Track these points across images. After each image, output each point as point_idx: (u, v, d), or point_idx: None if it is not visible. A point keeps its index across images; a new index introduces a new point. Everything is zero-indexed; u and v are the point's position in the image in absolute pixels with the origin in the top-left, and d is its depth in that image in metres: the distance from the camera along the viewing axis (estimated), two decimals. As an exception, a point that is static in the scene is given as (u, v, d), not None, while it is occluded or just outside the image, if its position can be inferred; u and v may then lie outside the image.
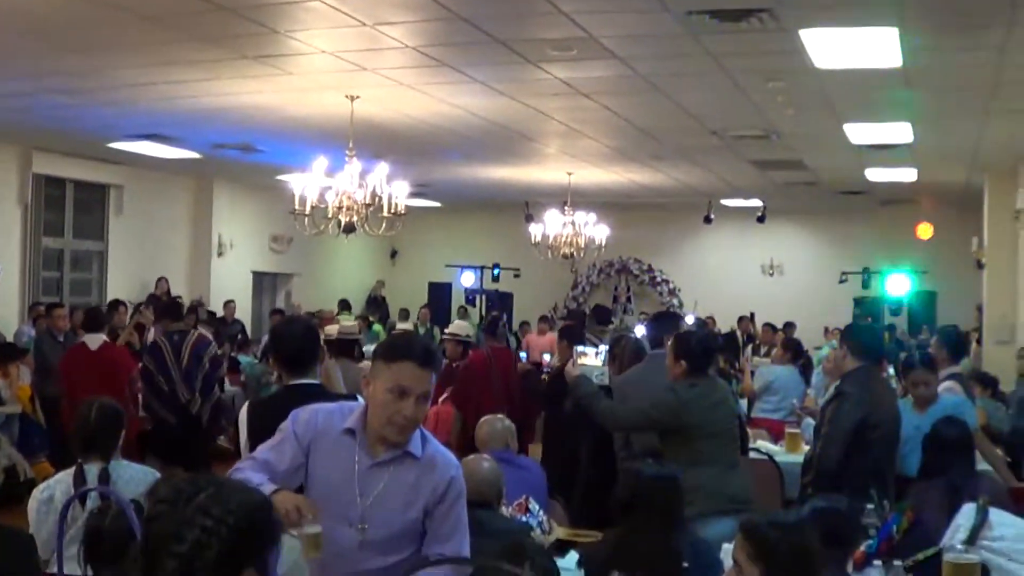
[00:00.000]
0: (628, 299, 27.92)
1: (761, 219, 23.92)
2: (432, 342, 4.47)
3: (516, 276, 26.12)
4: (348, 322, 15.69)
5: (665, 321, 9.63)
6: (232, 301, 21.42)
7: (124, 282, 20.29)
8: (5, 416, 13.31)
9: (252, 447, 5.81)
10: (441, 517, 4.33)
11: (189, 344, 12.09)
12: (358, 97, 12.66)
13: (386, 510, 4.30)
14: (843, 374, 7.81)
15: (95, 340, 12.57)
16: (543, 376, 13.56)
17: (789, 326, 20.54)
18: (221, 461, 11.64)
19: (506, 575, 4.09)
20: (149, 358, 12.19)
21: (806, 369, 13.91)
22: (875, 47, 9.91)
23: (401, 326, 17.41)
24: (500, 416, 7.85)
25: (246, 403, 6.32)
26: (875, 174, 18.45)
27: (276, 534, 2.76)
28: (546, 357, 16.43)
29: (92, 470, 5.88)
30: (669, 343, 7.72)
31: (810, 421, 10.34)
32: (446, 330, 13.03)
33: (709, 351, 7.67)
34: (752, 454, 9.87)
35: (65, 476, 5.93)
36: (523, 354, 19.62)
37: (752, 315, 22.92)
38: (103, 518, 4.73)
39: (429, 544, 4.32)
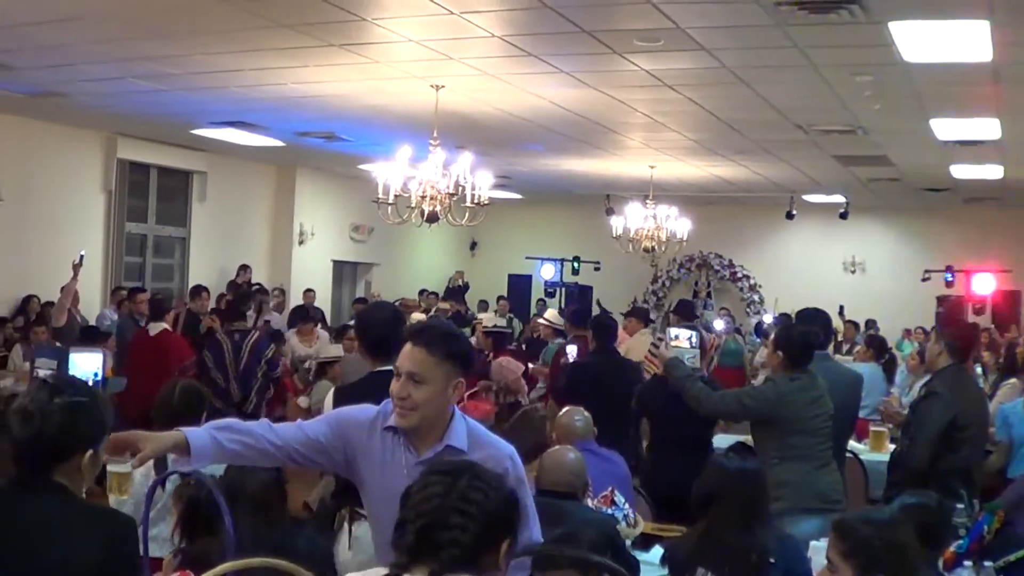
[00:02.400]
0: (708, 294, 27.69)
1: (844, 215, 23.64)
2: (444, 325, 4.44)
3: (596, 269, 26.00)
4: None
5: (813, 318, 8.92)
6: (312, 290, 21.48)
7: (205, 268, 20.42)
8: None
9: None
10: None
11: (249, 344, 12.23)
12: (443, 86, 12.64)
13: None
14: (934, 372, 7.69)
15: (156, 327, 12.93)
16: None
17: (871, 324, 20.31)
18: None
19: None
20: (208, 352, 12.42)
21: (889, 367, 13.73)
22: (965, 40, 9.76)
23: (482, 316, 17.33)
24: (579, 408, 7.80)
25: (331, 388, 6.31)
26: (960, 171, 18.19)
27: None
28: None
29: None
30: (771, 336, 7.64)
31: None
32: (481, 319, 12.95)
33: (810, 345, 7.53)
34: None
35: (145, 457, 5.93)
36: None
37: (841, 308, 22.59)
38: (200, 489, 4.76)
39: None
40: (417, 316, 11.66)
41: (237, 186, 21.67)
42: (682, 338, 8.60)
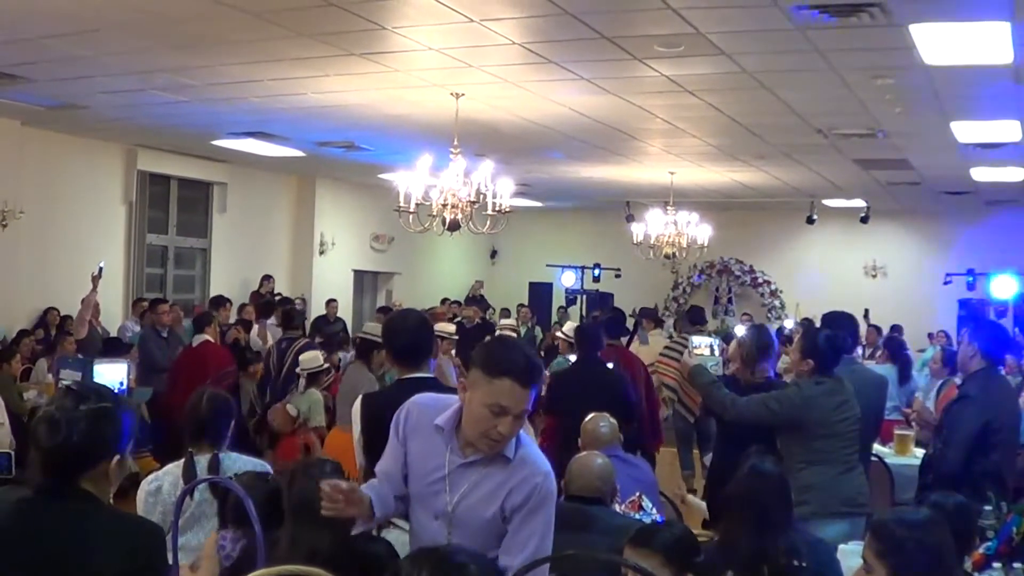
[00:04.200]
0: (729, 300, 27.70)
1: (864, 219, 23.63)
2: (536, 357, 4.31)
3: (617, 276, 25.99)
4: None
5: (840, 322, 8.76)
6: (334, 300, 21.46)
7: (226, 279, 20.50)
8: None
9: (366, 441, 5.86)
10: (518, 524, 4.26)
11: (293, 351, 12.30)
12: (463, 94, 12.66)
13: (471, 508, 4.29)
14: (967, 375, 7.64)
15: (199, 339, 13.35)
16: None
17: (896, 329, 20.20)
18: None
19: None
20: (263, 365, 12.74)
21: (903, 368, 13.69)
22: (986, 42, 9.72)
23: (504, 322, 17.32)
24: (605, 414, 7.79)
25: (359, 396, 6.31)
26: (981, 174, 18.12)
27: None
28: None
29: (201, 461, 5.89)
30: (796, 340, 7.61)
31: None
32: (502, 324, 12.84)
33: (837, 349, 7.48)
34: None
35: (174, 468, 5.93)
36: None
37: (867, 312, 22.49)
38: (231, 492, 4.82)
39: (503, 552, 4.25)
40: (444, 326, 11.63)
41: (257, 197, 21.70)
42: (704, 346, 8.61)
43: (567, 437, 9.51)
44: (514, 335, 12.51)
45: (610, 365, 11.18)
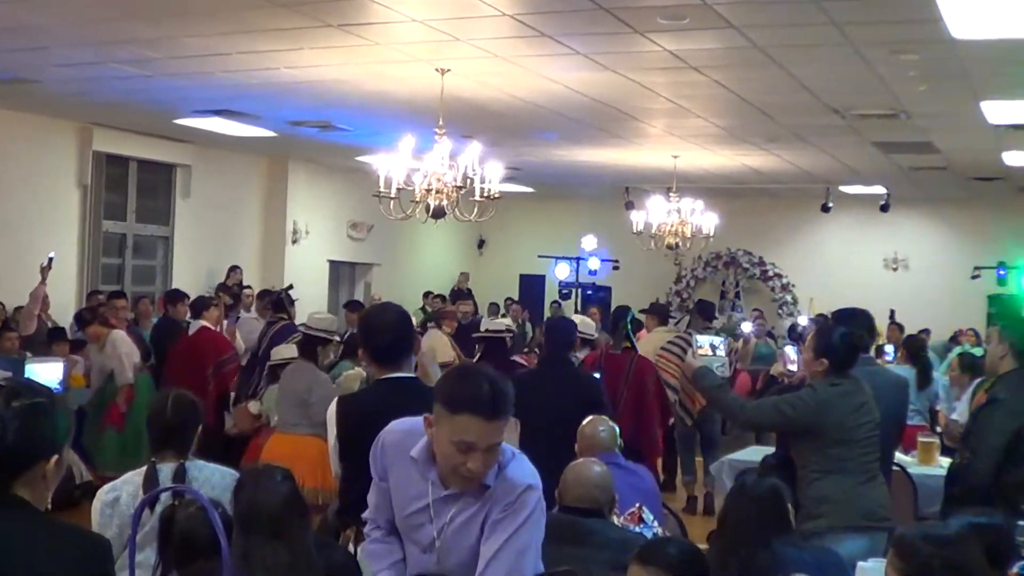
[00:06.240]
0: (737, 294, 27.69)
1: (885, 208, 23.61)
2: (503, 383, 4.29)
3: (615, 268, 26.01)
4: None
5: (855, 319, 8.52)
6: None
7: (191, 270, 20.50)
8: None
9: (342, 449, 5.83)
10: (489, 530, 4.32)
11: (270, 335, 12.36)
12: (449, 70, 12.63)
13: (458, 540, 4.36)
14: (996, 376, 7.57)
15: (195, 326, 13.80)
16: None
17: (924, 332, 20.08)
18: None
19: None
20: (255, 351, 12.97)
21: (923, 371, 13.70)
22: (1019, 14, 9.71)
23: (499, 321, 17.25)
24: (604, 417, 7.77)
25: (334, 400, 6.27)
26: (1013, 158, 18.13)
27: None
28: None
29: (165, 469, 5.84)
30: (809, 339, 7.57)
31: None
32: (486, 326, 12.73)
33: (853, 348, 7.43)
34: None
35: (134, 476, 5.85)
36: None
37: (892, 313, 22.45)
38: (180, 511, 4.75)
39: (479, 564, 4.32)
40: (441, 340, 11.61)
41: (225, 180, 21.66)
42: (707, 346, 8.58)
43: (529, 441, 9.47)
44: (510, 335, 12.45)
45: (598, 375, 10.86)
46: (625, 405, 11.08)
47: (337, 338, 11.51)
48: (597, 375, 10.77)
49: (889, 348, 15.97)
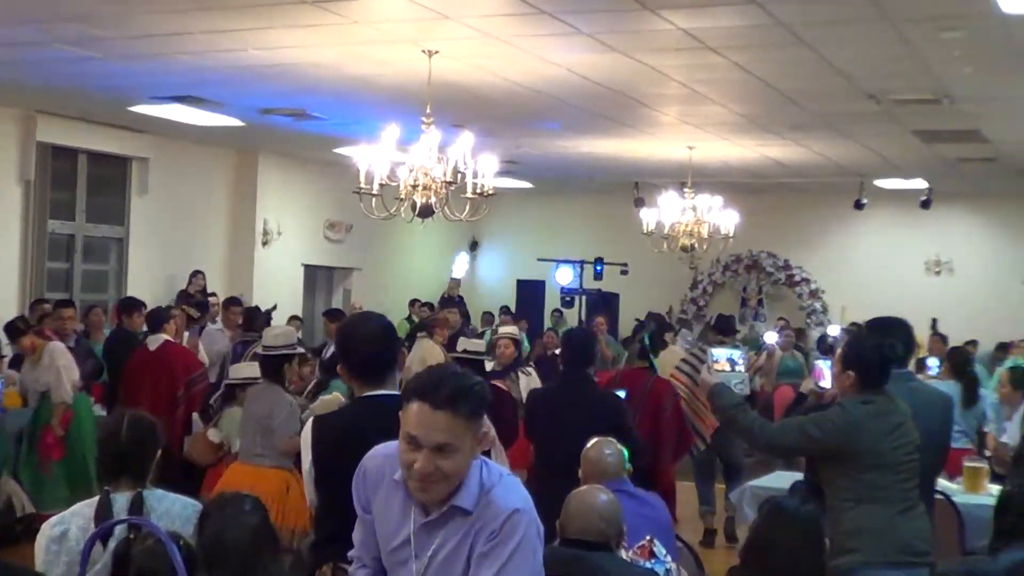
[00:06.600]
0: (760, 302, 27.73)
1: (926, 204, 23.65)
2: (465, 379, 4.34)
3: (623, 273, 25.94)
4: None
5: (892, 330, 8.34)
6: (298, 318, 21.18)
7: (148, 276, 20.47)
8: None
9: (319, 471, 5.82)
10: (477, 562, 4.31)
11: (249, 357, 12.37)
12: (437, 52, 12.65)
13: (442, 572, 4.36)
14: None
15: (156, 340, 13.64)
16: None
17: (971, 344, 20.10)
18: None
19: None
20: (219, 373, 12.86)
21: (969, 387, 13.70)
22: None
23: (468, 342, 17.21)
24: (610, 439, 7.77)
25: (310, 419, 6.27)
26: (1071, 148, 18.23)
27: None
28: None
29: (120, 499, 5.82)
30: (837, 352, 7.56)
31: None
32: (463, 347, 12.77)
33: (885, 360, 7.39)
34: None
35: (84, 508, 5.82)
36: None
37: (934, 322, 22.48)
38: (136, 545, 4.75)
39: None
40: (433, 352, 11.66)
41: (186, 175, 21.64)
42: (724, 360, 8.52)
43: (544, 470, 9.48)
44: (512, 347, 12.52)
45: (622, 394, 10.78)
46: (640, 427, 11.01)
47: (301, 349, 11.43)
48: (621, 393, 10.69)
49: (933, 361, 15.93)
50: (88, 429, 13.19)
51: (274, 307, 17.45)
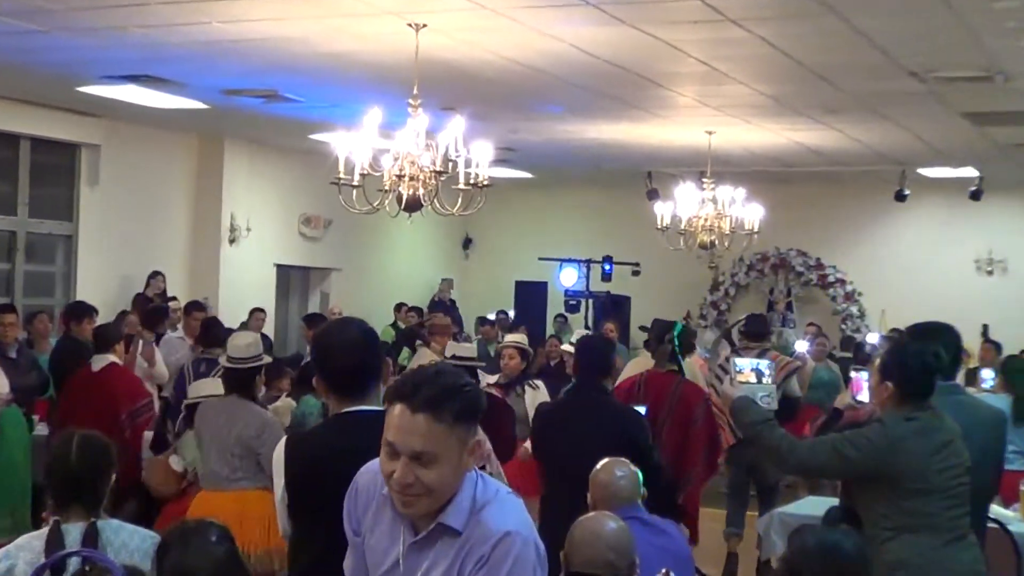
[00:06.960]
0: (788, 306, 27.75)
1: (976, 195, 23.65)
2: (453, 378, 4.32)
3: (635, 274, 26.04)
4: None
5: (937, 336, 8.39)
6: (261, 310, 21.31)
7: (100, 277, 20.48)
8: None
9: (292, 498, 5.79)
10: None
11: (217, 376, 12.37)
12: (425, 26, 12.64)
13: None
14: None
15: (100, 361, 13.39)
16: None
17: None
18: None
19: None
20: (172, 391, 12.71)
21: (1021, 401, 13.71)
22: None
23: (456, 347, 17.23)
24: (622, 459, 7.75)
25: (282, 440, 6.24)
26: None
27: None
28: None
29: (72, 531, 5.81)
30: (877, 360, 7.55)
31: None
32: (452, 351, 12.81)
33: (929, 370, 7.37)
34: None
35: (32, 540, 5.84)
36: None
37: (985, 328, 22.49)
38: None
39: None
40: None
41: (143, 165, 21.67)
42: (749, 370, 8.48)
43: (554, 495, 9.47)
44: (518, 357, 12.58)
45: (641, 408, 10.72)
46: (667, 438, 11.07)
47: (268, 358, 11.40)
48: (642, 409, 10.62)
49: (988, 373, 15.90)
50: (17, 452, 13.00)
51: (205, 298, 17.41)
